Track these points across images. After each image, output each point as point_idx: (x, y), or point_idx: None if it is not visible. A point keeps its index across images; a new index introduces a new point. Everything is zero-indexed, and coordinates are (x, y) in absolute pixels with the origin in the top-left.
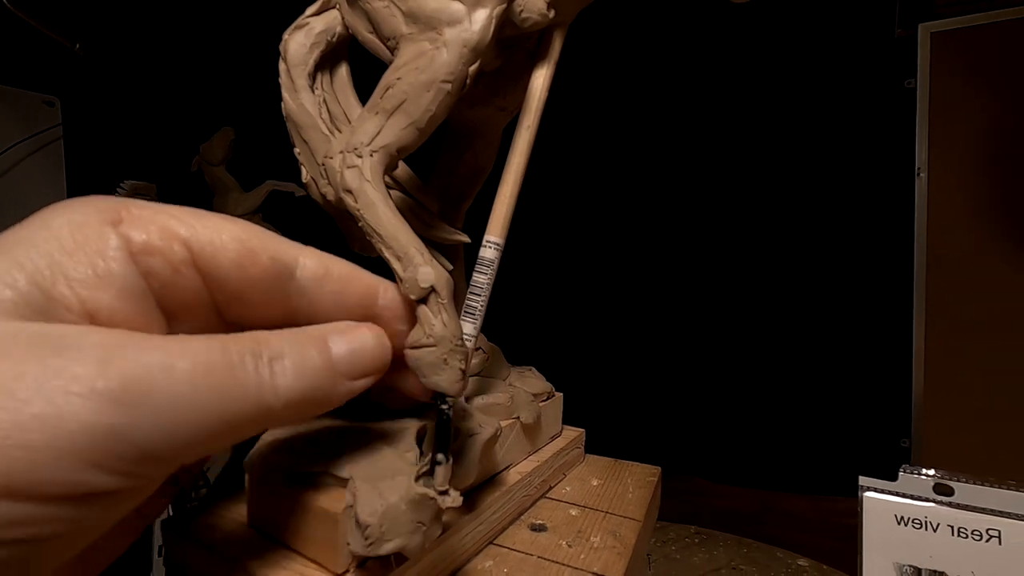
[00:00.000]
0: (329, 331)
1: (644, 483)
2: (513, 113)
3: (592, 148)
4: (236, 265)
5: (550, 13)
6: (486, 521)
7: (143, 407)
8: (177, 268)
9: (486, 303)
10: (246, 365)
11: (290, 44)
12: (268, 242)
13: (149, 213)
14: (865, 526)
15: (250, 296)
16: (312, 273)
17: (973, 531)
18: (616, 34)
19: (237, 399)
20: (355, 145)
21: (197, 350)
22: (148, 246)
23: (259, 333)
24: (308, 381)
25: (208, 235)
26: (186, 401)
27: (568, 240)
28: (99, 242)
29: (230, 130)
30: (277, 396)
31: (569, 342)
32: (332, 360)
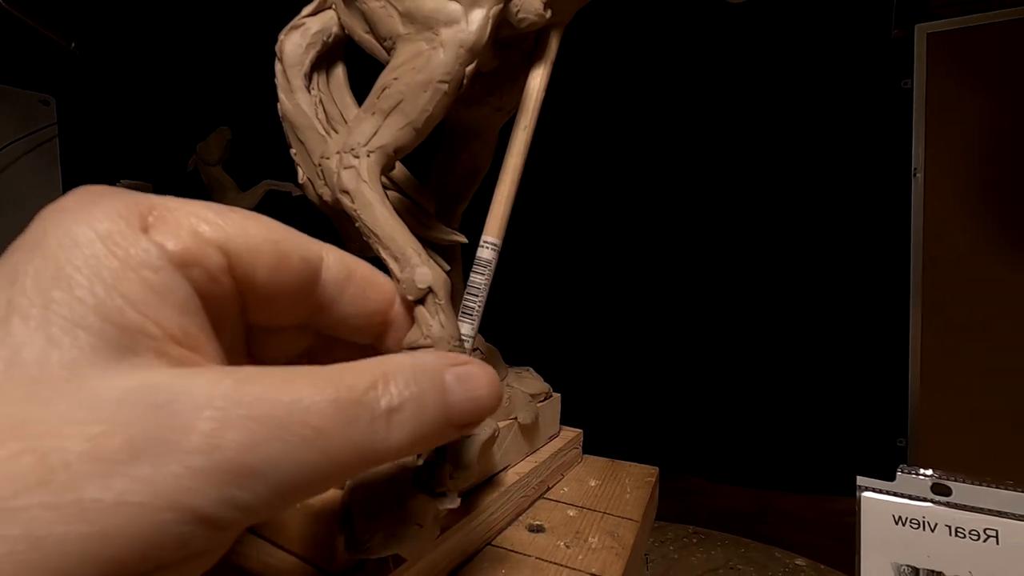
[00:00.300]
0: (446, 367)
1: (642, 483)
2: (510, 113)
3: (589, 148)
4: (270, 269)
5: (547, 13)
6: (484, 522)
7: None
8: (215, 277)
9: (483, 304)
10: (361, 423)
11: (286, 44)
12: (295, 241)
13: (176, 216)
14: (863, 526)
15: (278, 299)
16: (335, 274)
17: (971, 531)
18: (612, 35)
19: (347, 458)
20: (352, 146)
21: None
22: (186, 255)
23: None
24: (422, 433)
25: (243, 239)
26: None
27: (565, 241)
28: (141, 254)
29: (227, 129)
30: (389, 450)
31: (567, 343)
32: (450, 408)
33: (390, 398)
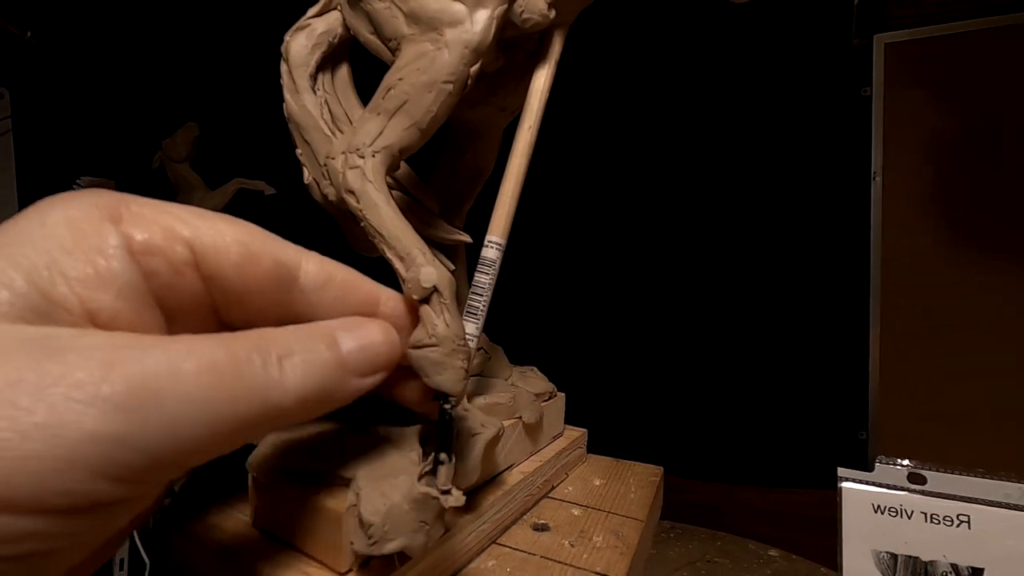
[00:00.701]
0: (337, 327)
1: (646, 483)
2: (514, 113)
3: (589, 149)
4: (238, 268)
5: (551, 14)
6: (489, 520)
7: (149, 412)
8: (179, 269)
9: (488, 303)
10: (254, 364)
11: (292, 45)
12: (271, 245)
13: (151, 211)
14: (844, 515)
15: (251, 299)
16: (314, 278)
17: (944, 517)
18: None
19: (246, 399)
20: (357, 146)
21: (202, 350)
22: (150, 246)
23: (266, 331)
24: (318, 378)
25: (211, 236)
26: (193, 404)
27: (569, 240)
28: (99, 239)
29: (194, 126)
30: (287, 394)
31: (571, 342)
32: (342, 356)
33: (279, 346)
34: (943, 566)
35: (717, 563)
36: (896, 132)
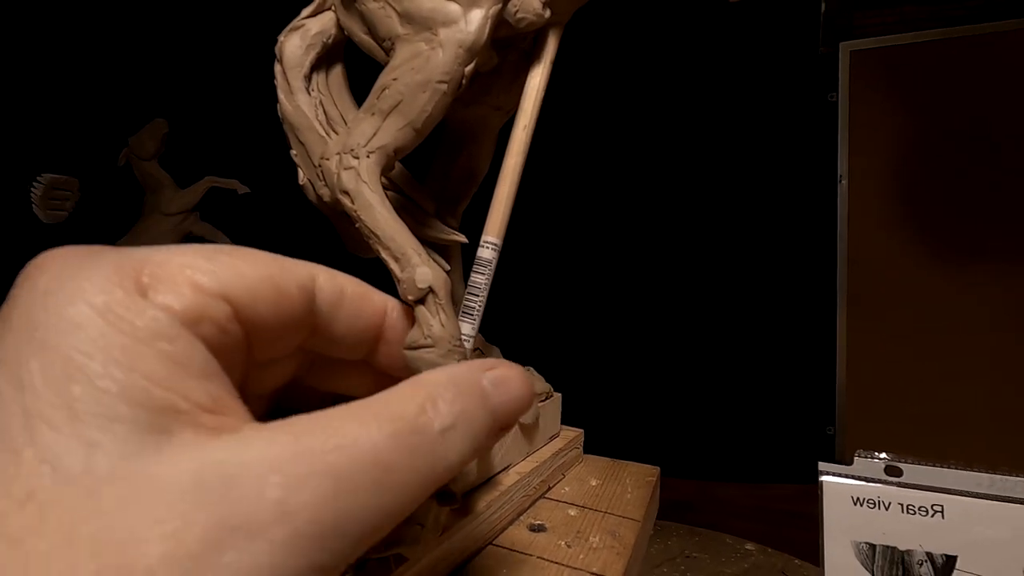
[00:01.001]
0: (483, 378)
1: (643, 483)
2: (510, 113)
3: (575, 151)
4: (273, 306)
5: (545, 13)
6: (485, 521)
7: (338, 533)
8: (224, 328)
9: (484, 303)
10: (422, 450)
11: (286, 46)
12: (288, 271)
13: (167, 271)
14: (825, 508)
15: (280, 334)
16: (329, 296)
17: (920, 507)
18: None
19: (416, 487)
20: (352, 146)
21: (374, 448)
22: (193, 313)
23: (419, 392)
24: (476, 444)
25: (240, 281)
26: (373, 507)
27: (564, 240)
28: (151, 323)
29: (163, 122)
30: (449, 469)
31: (567, 342)
32: (494, 414)
33: (442, 418)
34: (919, 555)
35: (696, 558)
36: (861, 136)
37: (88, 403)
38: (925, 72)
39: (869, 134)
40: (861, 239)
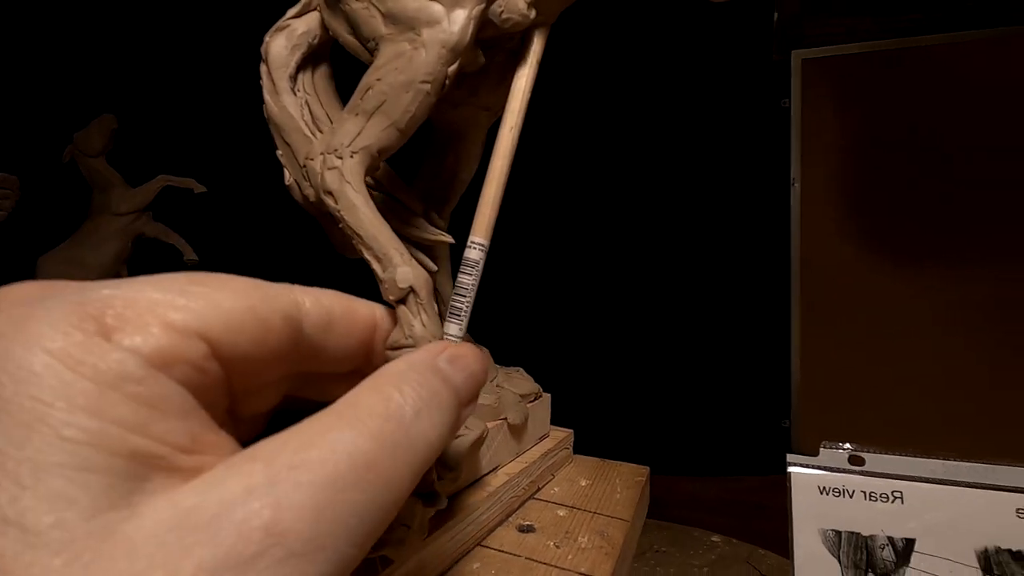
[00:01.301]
0: (440, 358)
1: (632, 483)
2: (497, 114)
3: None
4: (256, 342)
5: (530, 13)
6: (473, 522)
7: (334, 542)
8: (200, 367)
9: (471, 304)
10: (400, 438)
11: (272, 46)
12: (272, 299)
13: (138, 310)
14: (793, 499)
15: (264, 367)
16: (316, 321)
17: (881, 494)
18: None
19: (401, 479)
20: (335, 147)
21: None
22: (164, 355)
23: (384, 386)
24: (446, 425)
25: (219, 316)
26: (366, 510)
27: (552, 241)
28: (115, 366)
29: (111, 117)
30: (429, 450)
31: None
32: (456, 392)
33: (411, 403)
34: (881, 539)
35: (665, 552)
36: (813, 141)
37: (53, 454)
38: (871, 81)
39: (821, 139)
40: (813, 240)
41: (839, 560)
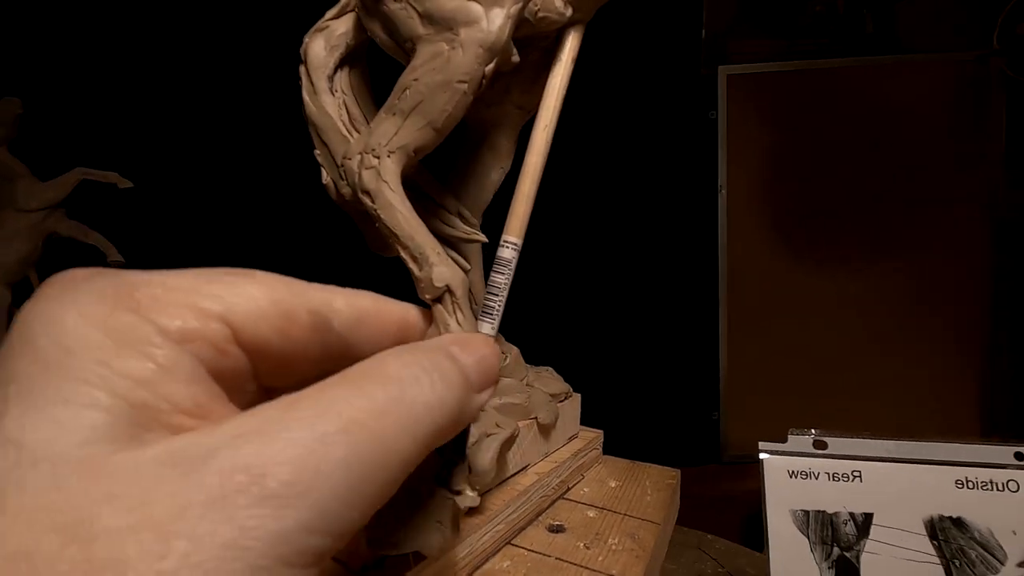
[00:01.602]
0: (450, 343)
1: (663, 485)
2: (531, 112)
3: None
4: (279, 331)
5: (567, 12)
6: (503, 521)
7: (318, 492)
8: (222, 349)
9: (504, 303)
10: (392, 400)
11: (311, 47)
12: (301, 295)
13: (168, 292)
14: (766, 483)
15: (292, 358)
16: (347, 318)
17: (842, 474)
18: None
19: (397, 442)
20: (373, 146)
21: (346, 405)
22: (185, 332)
23: (386, 360)
24: (451, 400)
25: (244, 305)
26: (355, 466)
27: (585, 240)
28: (138, 333)
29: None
30: (430, 424)
31: (587, 342)
32: (466, 372)
33: (411, 371)
34: (844, 515)
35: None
36: (738, 151)
37: (65, 391)
38: (788, 96)
39: (745, 149)
40: (739, 242)
41: (808, 537)
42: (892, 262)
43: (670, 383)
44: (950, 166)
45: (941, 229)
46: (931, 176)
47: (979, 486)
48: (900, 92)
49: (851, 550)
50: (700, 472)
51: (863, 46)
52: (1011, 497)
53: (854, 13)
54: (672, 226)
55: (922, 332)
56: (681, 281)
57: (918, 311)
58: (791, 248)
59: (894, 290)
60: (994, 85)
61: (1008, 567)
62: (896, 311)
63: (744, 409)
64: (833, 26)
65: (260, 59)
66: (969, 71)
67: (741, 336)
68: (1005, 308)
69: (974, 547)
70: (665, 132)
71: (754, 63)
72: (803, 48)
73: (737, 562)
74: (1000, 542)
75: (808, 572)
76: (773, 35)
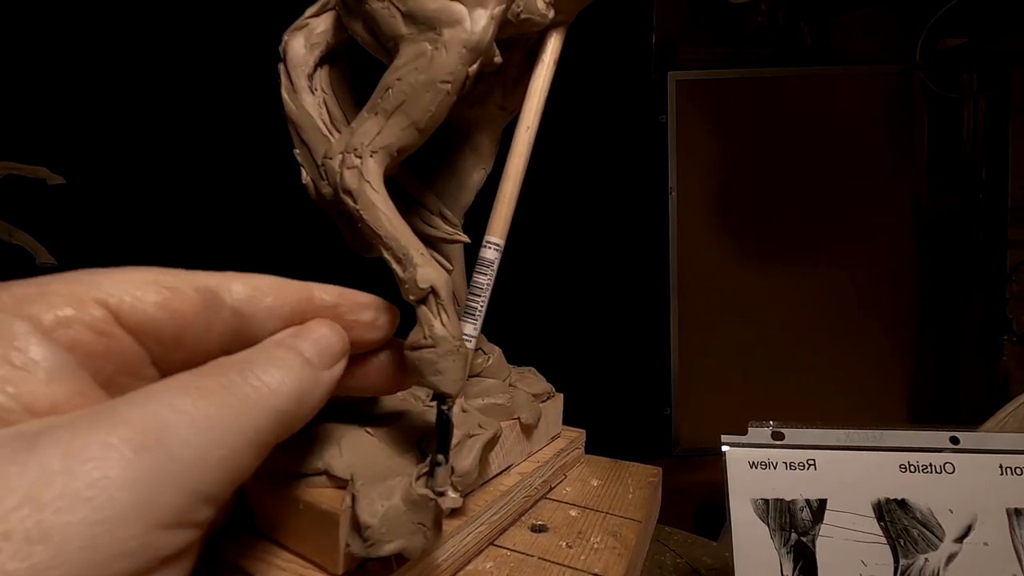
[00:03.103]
0: (286, 336)
1: (644, 483)
2: (513, 113)
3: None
4: (164, 308)
5: (549, 13)
6: (486, 522)
7: (169, 446)
8: (101, 331)
9: (486, 304)
10: (235, 382)
11: (290, 45)
12: (188, 277)
13: (36, 289)
14: (728, 474)
15: (187, 335)
16: (241, 294)
17: (798, 463)
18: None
19: (247, 409)
20: (355, 146)
21: (186, 383)
22: (60, 320)
23: (225, 358)
24: (295, 377)
25: (121, 288)
26: (206, 426)
27: (568, 241)
28: (4, 332)
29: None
30: (278, 395)
31: (569, 343)
32: (304, 355)
33: (249, 363)
34: (800, 502)
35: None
36: (687, 154)
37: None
38: (733, 102)
39: (694, 152)
40: (689, 243)
41: (768, 524)
42: (830, 262)
43: (624, 380)
44: (880, 173)
45: (872, 232)
46: (862, 182)
47: (920, 469)
48: (835, 101)
49: (807, 535)
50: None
51: (801, 57)
52: (948, 479)
53: (793, 26)
54: (625, 227)
55: (856, 329)
56: (634, 281)
57: (853, 308)
58: (738, 249)
59: (831, 290)
60: (917, 97)
61: (946, 543)
62: (833, 310)
63: (695, 404)
64: (774, 37)
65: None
66: (896, 83)
67: (691, 334)
68: (928, 307)
69: (916, 526)
70: (617, 136)
71: (702, 70)
72: (747, 57)
73: (694, 552)
74: (939, 520)
75: (768, 558)
76: (720, 43)
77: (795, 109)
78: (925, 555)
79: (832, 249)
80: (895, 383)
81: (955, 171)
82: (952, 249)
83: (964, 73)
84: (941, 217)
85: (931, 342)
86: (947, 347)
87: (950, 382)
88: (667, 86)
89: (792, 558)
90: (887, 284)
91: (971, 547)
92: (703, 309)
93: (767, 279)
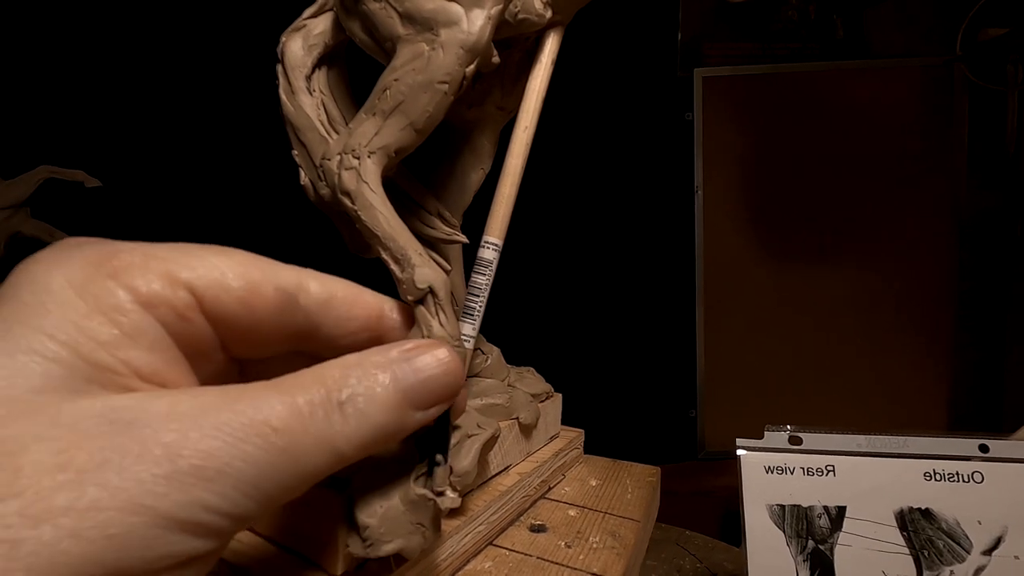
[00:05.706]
0: (395, 357)
1: (643, 483)
2: (512, 113)
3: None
4: (243, 303)
5: (547, 13)
6: (485, 522)
7: (223, 481)
8: (184, 316)
9: (485, 304)
10: (317, 418)
11: (288, 46)
12: (269, 272)
13: (140, 258)
14: (743, 479)
15: (257, 331)
16: (316, 298)
17: (817, 469)
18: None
19: (312, 455)
20: (353, 147)
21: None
22: (153, 296)
23: (325, 372)
24: (380, 420)
25: (210, 275)
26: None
27: (567, 241)
28: (111, 298)
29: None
30: (350, 443)
31: (565, 342)
32: (402, 392)
33: (340, 392)
34: (818, 509)
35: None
36: (714, 151)
37: (34, 343)
38: (761, 98)
39: (720, 149)
40: (715, 243)
41: (784, 531)
42: (863, 261)
43: (649, 381)
44: (918, 168)
45: (909, 231)
46: (898, 180)
47: (946, 478)
48: (870, 96)
49: (825, 543)
50: (678, 469)
51: (834, 51)
52: (976, 488)
53: (825, 19)
54: (650, 226)
55: (892, 330)
56: (659, 281)
57: (888, 309)
58: (766, 248)
59: (865, 289)
60: (957, 90)
61: (973, 555)
62: (867, 309)
63: (721, 406)
64: (805, 31)
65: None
66: (934, 76)
67: (718, 334)
68: (969, 307)
69: (942, 537)
70: (642, 134)
71: (729, 66)
72: (776, 52)
73: (715, 557)
74: (966, 531)
75: (784, 565)
76: (747, 39)
77: (827, 105)
78: (951, 567)
79: (866, 249)
80: (934, 388)
81: (998, 167)
82: (994, 248)
83: (1008, 64)
84: (982, 215)
85: (972, 345)
86: (989, 351)
87: (993, 387)
88: (693, 83)
89: (809, 566)
90: (924, 284)
91: (1001, 560)
92: (730, 310)
93: (797, 279)
